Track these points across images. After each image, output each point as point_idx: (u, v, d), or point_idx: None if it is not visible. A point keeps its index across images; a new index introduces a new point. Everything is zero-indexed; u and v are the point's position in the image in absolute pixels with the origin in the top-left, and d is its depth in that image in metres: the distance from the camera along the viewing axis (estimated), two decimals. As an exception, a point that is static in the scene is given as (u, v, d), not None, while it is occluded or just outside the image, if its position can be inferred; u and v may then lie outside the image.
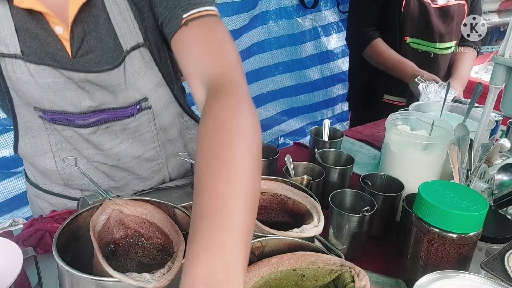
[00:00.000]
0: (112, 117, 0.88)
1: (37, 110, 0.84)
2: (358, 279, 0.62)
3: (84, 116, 0.85)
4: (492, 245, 0.80)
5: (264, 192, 0.82)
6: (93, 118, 0.86)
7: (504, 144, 1.21)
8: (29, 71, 0.79)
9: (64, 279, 0.60)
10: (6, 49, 0.77)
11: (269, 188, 0.82)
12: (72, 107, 0.84)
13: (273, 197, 0.82)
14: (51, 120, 0.86)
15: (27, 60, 0.78)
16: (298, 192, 0.81)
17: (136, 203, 0.70)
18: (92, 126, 0.87)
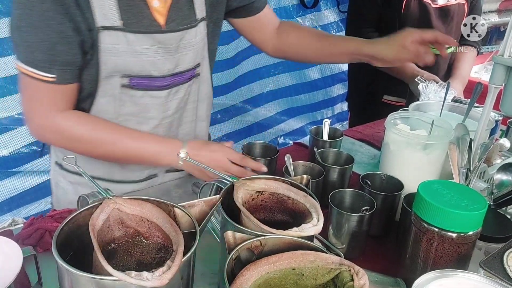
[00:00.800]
0: (180, 81, 1.08)
1: (124, 77, 0.99)
2: (357, 278, 0.62)
3: (163, 79, 1.04)
4: (491, 244, 0.81)
5: (263, 191, 0.82)
6: (169, 81, 1.05)
7: (504, 143, 1.21)
8: (127, 40, 0.94)
9: (64, 278, 0.60)
10: (108, 22, 0.91)
11: (268, 187, 0.82)
12: (156, 71, 1.02)
13: (273, 196, 0.82)
14: (135, 86, 1.01)
15: (126, 30, 0.93)
16: (297, 191, 0.81)
17: (136, 202, 0.70)
18: (167, 88, 1.06)
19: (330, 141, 1.23)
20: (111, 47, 0.94)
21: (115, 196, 0.70)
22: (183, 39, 1.03)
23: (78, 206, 0.76)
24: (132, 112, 1.06)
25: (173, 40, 1.01)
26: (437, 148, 1.02)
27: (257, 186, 0.82)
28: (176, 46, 1.02)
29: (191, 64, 1.08)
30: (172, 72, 1.05)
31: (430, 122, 1.07)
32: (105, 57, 0.95)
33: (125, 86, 1.01)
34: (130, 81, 1.00)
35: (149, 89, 1.04)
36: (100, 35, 0.92)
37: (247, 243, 0.67)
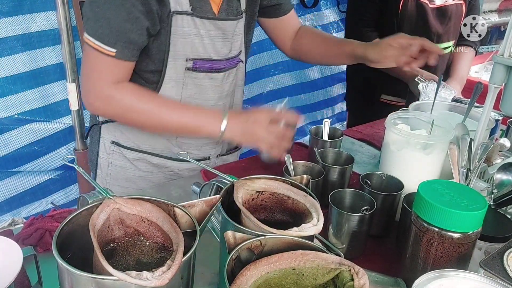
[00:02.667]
0: (231, 65, 1.21)
1: (188, 61, 1.11)
2: (357, 278, 0.62)
3: (220, 62, 1.17)
4: (491, 244, 0.81)
5: (263, 191, 0.82)
6: (224, 64, 1.18)
7: (504, 143, 1.21)
8: (195, 24, 1.07)
9: (64, 278, 0.60)
10: (180, 7, 1.04)
11: (268, 187, 0.82)
12: (216, 55, 1.15)
13: (273, 196, 0.82)
14: (198, 68, 1.13)
15: (194, 15, 1.06)
16: (297, 191, 0.81)
17: (136, 202, 0.70)
18: (223, 71, 1.18)
19: (330, 141, 1.23)
20: (181, 30, 1.06)
21: (115, 196, 0.70)
22: (237, 27, 1.17)
23: (78, 206, 0.76)
24: (193, 94, 1.17)
25: (231, 27, 1.15)
26: (437, 148, 1.02)
27: (257, 186, 0.82)
28: (232, 33, 1.16)
29: (238, 51, 1.22)
30: (227, 56, 1.18)
31: (430, 122, 1.07)
32: (174, 39, 1.07)
33: (189, 69, 1.12)
34: (194, 64, 1.12)
35: (209, 71, 1.16)
36: (173, 19, 1.04)
37: (247, 243, 0.67)
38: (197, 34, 1.08)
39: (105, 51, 1.00)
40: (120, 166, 1.26)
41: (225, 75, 1.20)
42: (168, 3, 1.02)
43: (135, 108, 1.08)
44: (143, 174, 1.27)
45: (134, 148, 1.25)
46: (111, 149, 1.25)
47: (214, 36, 1.12)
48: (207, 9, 1.09)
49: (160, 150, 1.25)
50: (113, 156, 1.25)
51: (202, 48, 1.11)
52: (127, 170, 1.26)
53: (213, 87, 1.19)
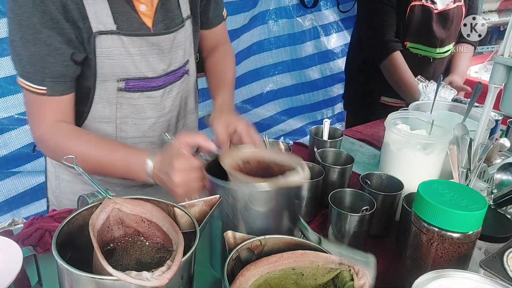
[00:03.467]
0: (173, 79, 1.11)
1: (120, 81, 1.02)
2: (357, 278, 0.62)
3: (158, 79, 1.07)
4: (491, 244, 0.81)
5: (250, 160, 0.86)
6: (163, 81, 1.08)
7: (504, 143, 1.21)
8: (122, 43, 0.98)
9: (64, 278, 0.60)
10: (104, 27, 0.94)
11: (255, 156, 0.86)
12: (151, 72, 1.05)
13: (259, 164, 0.86)
14: (131, 89, 1.04)
15: (121, 34, 0.96)
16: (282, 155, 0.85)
17: (136, 202, 0.70)
18: (162, 87, 1.09)
19: (330, 141, 1.23)
20: (107, 51, 0.97)
21: (115, 196, 0.70)
22: (176, 39, 1.06)
23: (78, 206, 0.76)
24: (129, 114, 1.08)
25: (167, 41, 1.04)
26: (437, 148, 1.02)
27: (243, 155, 0.86)
28: (169, 47, 1.06)
29: (182, 62, 1.12)
30: (166, 72, 1.08)
31: (430, 122, 1.07)
32: (101, 62, 0.98)
33: (121, 89, 1.03)
34: (126, 84, 1.03)
35: (145, 90, 1.06)
36: (96, 41, 0.95)
37: (247, 243, 0.67)
38: (126, 54, 0.99)
39: (35, 90, 0.94)
40: (67, 180, 1.19)
41: (165, 91, 1.10)
42: (89, 24, 0.93)
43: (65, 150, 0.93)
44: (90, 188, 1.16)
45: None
46: (56, 163, 1.18)
47: (147, 53, 1.02)
48: (137, 25, 0.99)
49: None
50: (59, 170, 1.19)
51: (134, 68, 1.01)
52: (73, 183, 1.18)
53: (152, 106, 1.09)
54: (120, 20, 0.96)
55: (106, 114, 1.06)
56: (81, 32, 0.93)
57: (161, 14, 1.03)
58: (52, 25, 0.90)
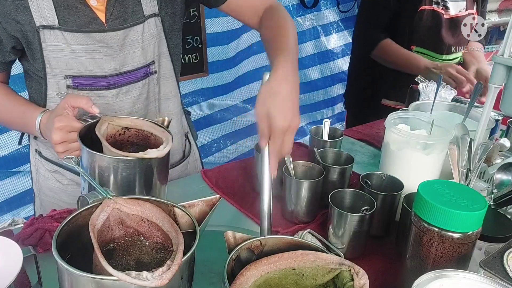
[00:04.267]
0: (130, 80, 1.07)
1: (67, 78, 1.01)
2: (358, 278, 0.62)
3: (109, 79, 1.03)
4: (491, 244, 0.81)
5: (130, 128, 0.93)
6: (115, 80, 1.05)
7: (504, 143, 1.21)
8: (65, 39, 0.96)
9: (64, 278, 0.60)
10: (45, 21, 0.94)
11: (134, 124, 0.93)
12: (100, 71, 1.02)
13: (138, 133, 0.94)
14: (79, 86, 1.02)
15: (63, 29, 0.95)
16: (158, 128, 0.92)
17: (136, 202, 0.70)
18: (114, 87, 1.05)
19: (330, 141, 1.23)
20: (52, 46, 0.97)
21: (115, 196, 0.70)
22: (128, 37, 1.02)
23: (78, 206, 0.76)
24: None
25: (115, 39, 1.00)
26: (437, 148, 1.02)
27: (124, 122, 0.93)
28: (120, 45, 1.02)
29: (142, 62, 1.07)
30: (119, 72, 1.04)
31: (430, 122, 1.07)
32: (47, 55, 0.98)
33: (69, 87, 1.03)
34: (73, 81, 1.02)
35: (94, 89, 1.04)
36: (40, 35, 0.95)
37: (247, 243, 0.67)
38: (70, 50, 0.98)
39: None
40: (43, 175, 1.21)
41: (119, 91, 1.06)
42: (32, 17, 0.94)
43: None
44: (62, 186, 1.19)
45: (53, 160, 1.17)
46: (35, 157, 1.21)
47: (93, 51, 0.99)
48: (87, 20, 0.97)
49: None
50: (38, 165, 1.21)
51: (79, 65, 1.00)
52: (49, 180, 1.20)
53: (105, 106, 1.06)
54: (64, 13, 0.96)
55: None
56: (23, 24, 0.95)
57: (117, 9, 1.00)
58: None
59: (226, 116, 2.59)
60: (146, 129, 0.93)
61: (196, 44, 2.27)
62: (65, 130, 0.88)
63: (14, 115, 1.05)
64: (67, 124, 0.88)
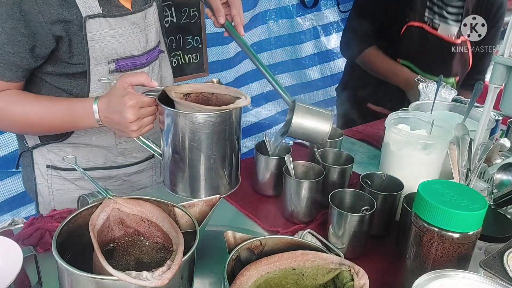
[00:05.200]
0: (153, 57, 1.16)
1: (111, 62, 1.06)
2: (358, 278, 0.62)
3: (142, 57, 1.12)
4: (491, 244, 0.81)
5: (190, 93, 0.97)
6: (145, 58, 1.13)
7: (504, 143, 1.21)
8: (109, 24, 1.02)
9: (64, 278, 0.60)
10: (91, 10, 0.99)
11: (193, 89, 0.96)
12: (136, 50, 1.10)
13: (198, 97, 0.97)
14: (122, 68, 1.08)
15: (107, 16, 1.01)
16: (219, 86, 0.95)
17: (136, 202, 0.70)
18: (147, 65, 1.14)
19: (330, 141, 1.23)
20: (97, 34, 1.01)
21: (115, 196, 0.70)
22: (146, 18, 1.12)
23: (78, 206, 0.76)
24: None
25: (142, 19, 1.10)
26: (437, 148, 1.02)
27: (184, 89, 0.97)
28: (143, 24, 1.11)
29: (156, 41, 1.17)
30: (146, 49, 1.13)
31: (430, 122, 1.07)
32: (92, 45, 1.01)
33: (113, 71, 1.07)
34: (116, 65, 1.07)
35: (133, 69, 1.11)
36: (86, 25, 0.98)
37: (247, 243, 0.67)
38: (114, 34, 1.04)
39: None
40: (62, 190, 1.18)
41: (149, 68, 1.16)
42: (78, 9, 0.97)
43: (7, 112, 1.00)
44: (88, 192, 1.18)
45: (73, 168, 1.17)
46: (48, 173, 1.18)
47: (129, 32, 1.07)
48: (117, 8, 1.05)
49: (102, 163, 1.18)
50: (52, 180, 1.18)
51: (122, 47, 1.07)
52: (70, 191, 1.18)
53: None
54: (103, 3, 1.02)
55: None
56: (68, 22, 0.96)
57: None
58: (20, 17, 0.92)
59: (226, 116, 2.59)
60: (206, 90, 0.98)
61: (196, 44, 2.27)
62: (137, 106, 0.92)
63: (58, 113, 1.02)
64: (138, 100, 0.92)
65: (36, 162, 1.18)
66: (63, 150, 1.14)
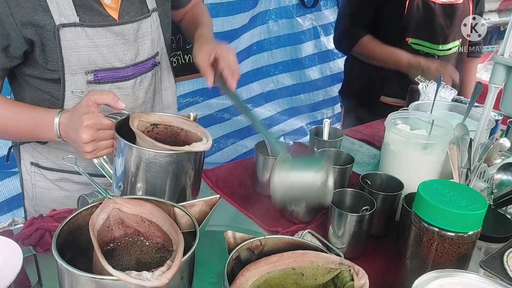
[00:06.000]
0: (143, 70, 1.11)
1: (89, 73, 1.02)
2: (357, 278, 0.62)
3: (126, 69, 1.07)
4: (491, 244, 0.81)
5: (158, 124, 0.90)
6: (132, 71, 1.08)
7: (504, 143, 1.21)
8: (87, 34, 0.98)
9: (64, 278, 0.60)
10: (66, 19, 0.95)
11: (163, 120, 0.90)
12: (119, 62, 1.05)
13: (167, 129, 0.91)
14: (101, 80, 1.04)
15: (85, 25, 0.97)
16: (189, 123, 0.88)
17: (136, 202, 0.70)
18: (131, 78, 1.09)
19: (330, 141, 1.23)
20: (72, 43, 0.97)
21: (115, 196, 0.70)
22: (140, 29, 1.07)
23: (78, 206, 0.76)
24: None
25: (131, 30, 1.05)
26: (437, 148, 1.02)
27: (152, 119, 0.90)
28: (134, 36, 1.07)
29: (151, 53, 1.12)
30: (134, 62, 1.08)
31: (430, 122, 1.07)
32: (67, 54, 0.98)
33: (91, 82, 1.03)
34: (95, 76, 1.03)
35: (115, 81, 1.06)
36: (60, 33, 0.95)
37: (247, 243, 0.67)
38: (92, 45, 1.00)
39: None
40: (44, 188, 1.17)
41: (135, 81, 1.10)
42: (51, 17, 0.94)
43: None
44: (69, 194, 1.16)
45: (55, 168, 1.15)
46: (31, 170, 1.17)
47: (113, 44, 1.03)
48: (101, 18, 1.01)
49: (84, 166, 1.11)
50: (35, 178, 1.17)
51: (101, 58, 1.02)
52: (51, 191, 1.17)
53: (124, 97, 1.07)
54: (82, 12, 0.97)
55: None
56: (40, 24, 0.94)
57: (126, 6, 1.04)
58: None
59: (226, 116, 2.59)
60: (176, 124, 0.90)
61: (197, 44, 2.27)
62: (94, 128, 0.86)
63: (22, 121, 0.99)
64: (96, 121, 0.86)
65: (22, 158, 1.19)
66: (46, 150, 1.13)
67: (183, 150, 0.79)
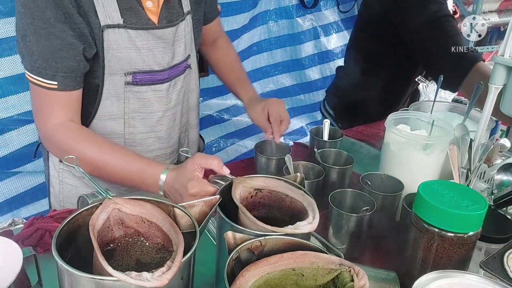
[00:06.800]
0: (176, 73, 1.14)
1: (127, 75, 1.04)
2: (357, 278, 0.62)
3: (163, 72, 1.10)
4: (491, 244, 0.81)
5: (262, 189, 0.83)
6: (168, 74, 1.11)
7: (504, 144, 1.21)
8: (129, 36, 1.00)
9: (64, 278, 0.60)
10: (111, 20, 0.97)
11: (267, 185, 0.83)
12: (157, 65, 1.08)
13: (271, 194, 0.83)
14: (139, 82, 1.07)
15: (128, 27, 0.99)
16: (295, 189, 0.81)
17: (136, 202, 0.70)
18: (167, 81, 1.12)
19: (330, 141, 1.23)
20: (115, 44, 0.99)
21: (115, 196, 0.70)
22: (177, 32, 1.10)
23: (78, 206, 0.76)
24: (137, 109, 1.10)
25: (170, 34, 1.07)
26: (437, 148, 1.02)
27: (255, 183, 0.83)
28: (172, 40, 1.09)
29: (184, 56, 1.15)
30: (170, 65, 1.11)
31: (430, 122, 1.07)
32: (109, 55, 1.00)
33: (129, 83, 1.05)
34: (133, 77, 1.05)
35: (151, 84, 1.09)
36: (104, 34, 0.97)
37: (247, 244, 0.67)
38: (133, 47, 1.02)
39: (47, 85, 0.95)
40: (71, 185, 1.19)
41: (170, 84, 1.13)
42: (97, 18, 0.95)
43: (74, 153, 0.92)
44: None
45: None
46: (60, 167, 1.18)
47: (153, 47, 1.05)
48: (144, 21, 1.02)
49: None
50: (63, 175, 1.19)
51: (141, 61, 1.04)
52: (78, 188, 1.18)
53: (158, 99, 1.12)
54: (126, 15, 0.99)
55: (114, 110, 1.08)
56: (91, 26, 0.96)
57: (165, 11, 1.06)
58: (65, 19, 0.92)
59: (226, 116, 2.59)
60: (280, 190, 0.82)
61: (197, 44, 2.28)
62: (199, 196, 0.86)
63: (129, 171, 0.99)
64: (201, 189, 0.87)
65: (51, 155, 1.19)
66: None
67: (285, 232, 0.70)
